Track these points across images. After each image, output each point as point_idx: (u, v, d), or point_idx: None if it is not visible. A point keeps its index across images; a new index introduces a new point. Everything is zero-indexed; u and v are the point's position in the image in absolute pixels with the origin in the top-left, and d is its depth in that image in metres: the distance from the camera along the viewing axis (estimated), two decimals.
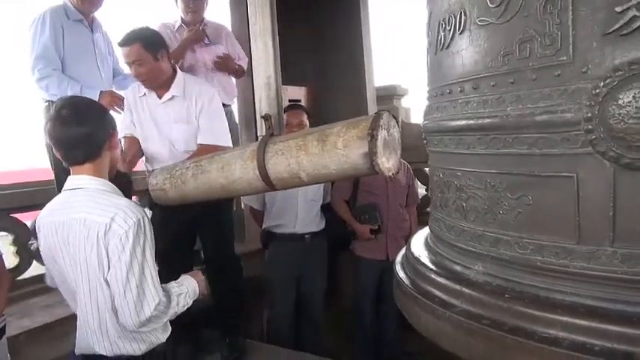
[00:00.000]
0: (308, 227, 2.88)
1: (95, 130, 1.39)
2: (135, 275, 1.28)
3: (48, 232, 1.38)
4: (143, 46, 2.21)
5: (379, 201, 2.99)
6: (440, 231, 1.31)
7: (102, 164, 1.43)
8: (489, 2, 1.05)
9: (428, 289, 1.20)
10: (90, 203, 1.34)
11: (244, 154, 1.94)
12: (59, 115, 1.35)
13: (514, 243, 1.05)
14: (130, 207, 1.34)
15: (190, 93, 2.32)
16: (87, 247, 1.30)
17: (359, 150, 1.69)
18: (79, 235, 1.31)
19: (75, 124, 1.34)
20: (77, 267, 1.33)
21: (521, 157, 1.01)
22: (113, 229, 1.28)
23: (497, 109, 1.04)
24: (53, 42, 2.56)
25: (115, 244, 1.28)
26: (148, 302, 1.29)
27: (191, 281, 1.57)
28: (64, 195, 1.42)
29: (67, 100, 1.46)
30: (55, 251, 1.37)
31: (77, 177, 1.40)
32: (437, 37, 1.26)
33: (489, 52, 1.06)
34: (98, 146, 1.40)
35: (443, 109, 1.23)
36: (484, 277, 1.11)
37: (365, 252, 3.05)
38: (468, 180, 1.15)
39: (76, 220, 1.32)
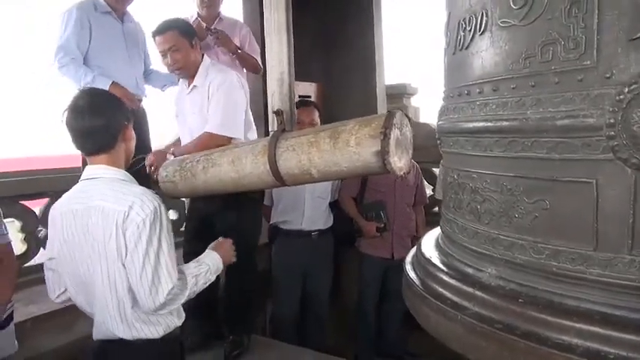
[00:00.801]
0: (315, 224, 2.88)
1: (110, 121, 1.41)
2: (150, 262, 1.31)
3: (66, 222, 1.40)
4: (180, 32, 2.25)
5: (386, 199, 2.99)
6: (452, 232, 1.30)
7: (117, 155, 1.46)
8: (512, 3, 1.04)
9: (439, 291, 1.19)
10: (107, 192, 1.37)
11: (255, 149, 1.94)
12: (75, 105, 1.38)
13: (529, 247, 1.04)
14: (146, 195, 1.37)
15: (207, 80, 2.31)
16: (105, 234, 1.32)
17: (371, 148, 1.69)
18: (98, 223, 1.33)
19: (90, 114, 1.37)
20: (95, 254, 1.35)
21: (539, 161, 1.01)
22: (131, 216, 1.31)
23: (517, 111, 1.03)
24: (77, 35, 2.62)
25: (132, 231, 1.30)
26: (162, 288, 1.32)
27: (213, 256, 1.59)
28: (81, 184, 1.45)
29: (84, 91, 1.49)
30: (72, 240, 1.39)
31: (94, 167, 1.44)
32: (456, 37, 1.24)
33: (510, 54, 1.05)
34: (112, 137, 1.42)
35: (460, 110, 1.22)
36: (497, 280, 1.11)
37: (370, 249, 3.05)
38: (484, 182, 1.14)
39: (95, 209, 1.35)
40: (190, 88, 2.35)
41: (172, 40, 2.23)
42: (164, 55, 2.26)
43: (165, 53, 2.25)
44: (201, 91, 2.32)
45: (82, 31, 2.64)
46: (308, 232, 2.85)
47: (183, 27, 2.30)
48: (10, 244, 1.91)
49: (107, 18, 2.73)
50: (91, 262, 1.37)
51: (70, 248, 1.41)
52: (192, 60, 2.30)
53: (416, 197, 3.13)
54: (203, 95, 2.30)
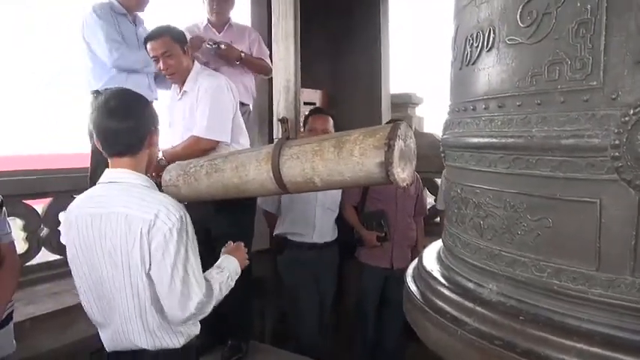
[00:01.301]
0: (324, 237, 2.86)
1: (139, 124, 1.38)
2: (179, 273, 1.27)
3: (82, 225, 1.35)
4: (172, 38, 2.29)
5: (387, 209, 2.98)
6: (454, 247, 1.30)
7: (141, 159, 1.41)
8: (520, 22, 1.04)
9: (439, 305, 1.19)
10: (131, 199, 1.31)
11: (259, 156, 1.95)
12: (106, 105, 1.34)
13: (531, 265, 1.04)
14: (171, 203, 1.33)
15: (196, 85, 2.33)
16: (129, 242, 1.27)
17: (375, 159, 1.69)
18: (120, 230, 1.29)
19: (120, 116, 1.34)
20: (115, 262, 1.30)
21: (543, 179, 1.01)
22: (157, 225, 1.27)
23: (522, 129, 1.04)
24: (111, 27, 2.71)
25: (158, 241, 1.26)
26: (191, 299, 1.29)
27: (231, 261, 1.58)
28: (101, 187, 1.40)
29: (115, 91, 1.46)
30: (87, 245, 1.34)
31: (115, 170, 1.39)
32: (463, 52, 1.25)
33: (517, 72, 1.06)
34: (140, 141, 1.39)
35: (465, 124, 1.22)
36: (498, 296, 1.11)
37: (370, 259, 3.04)
38: (487, 198, 1.15)
39: (116, 215, 1.30)
40: (181, 93, 2.39)
41: (165, 45, 2.27)
42: (157, 60, 2.29)
43: (158, 58, 2.28)
44: (191, 95, 2.35)
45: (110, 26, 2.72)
46: (317, 244, 2.83)
47: (175, 33, 2.33)
48: (13, 243, 1.92)
49: (123, 19, 2.80)
50: (106, 270, 1.32)
51: (85, 253, 1.36)
52: (185, 66, 2.33)
53: (416, 208, 3.13)
54: (192, 100, 2.33)
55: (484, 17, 1.15)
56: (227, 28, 3.12)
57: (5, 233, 1.89)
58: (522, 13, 1.04)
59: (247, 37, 3.15)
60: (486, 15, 1.14)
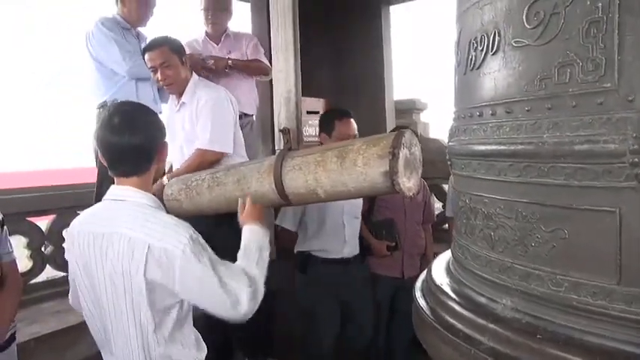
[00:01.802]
0: (354, 250, 2.67)
1: (147, 141, 1.29)
2: (214, 283, 1.21)
3: (84, 243, 1.28)
4: (170, 49, 2.29)
5: (396, 217, 2.92)
6: (464, 259, 1.24)
7: (149, 177, 1.34)
8: (526, 23, 1.00)
9: (450, 322, 1.13)
10: (135, 220, 1.24)
11: (261, 168, 1.91)
12: (111, 121, 1.26)
13: (547, 279, 0.99)
14: (177, 224, 1.26)
15: (195, 97, 2.32)
16: (131, 267, 1.20)
17: (379, 169, 1.64)
18: (121, 252, 1.21)
19: (127, 133, 1.25)
20: (116, 286, 1.24)
21: (557, 187, 0.95)
22: (169, 250, 1.19)
23: (533, 135, 0.98)
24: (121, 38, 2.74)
25: (178, 265, 1.19)
26: (240, 298, 1.24)
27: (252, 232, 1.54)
28: (105, 205, 1.33)
29: (120, 105, 1.37)
30: (89, 263, 1.28)
31: (121, 188, 1.31)
32: (467, 56, 1.20)
33: (525, 75, 1.01)
34: (148, 159, 1.31)
35: (472, 131, 1.17)
36: (512, 312, 1.05)
37: (381, 269, 2.97)
38: (498, 208, 1.09)
39: (119, 236, 1.22)
40: (179, 105, 2.37)
41: (164, 56, 2.26)
42: (155, 70, 2.28)
43: (157, 69, 2.27)
44: (190, 107, 2.34)
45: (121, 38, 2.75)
46: (348, 259, 2.62)
47: (173, 44, 2.33)
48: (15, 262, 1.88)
49: (128, 34, 2.83)
50: (106, 294, 1.26)
51: (86, 272, 1.30)
52: (183, 77, 2.34)
53: (424, 215, 3.07)
54: (192, 111, 2.32)
55: (488, 20, 1.10)
56: (224, 39, 3.10)
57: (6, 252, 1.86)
58: (528, 14, 0.99)
59: (244, 44, 3.13)
60: (490, 17, 1.09)
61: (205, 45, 3.09)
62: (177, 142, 2.43)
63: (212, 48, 3.10)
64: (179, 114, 2.40)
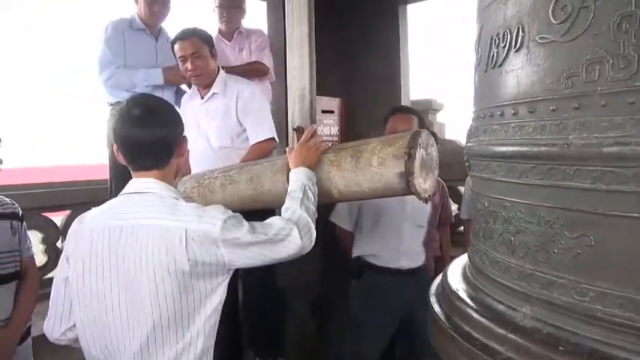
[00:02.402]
0: (415, 261, 2.44)
1: (168, 133, 1.27)
2: (259, 238, 1.23)
3: (97, 239, 1.21)
4: (201, 39, 2.32)
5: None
6: (482, 264, 1.19)
7: (169, 172, 1.31)
8: (552, 18, 0.95)
9: (467, 330, 1.09)
10: (163, 209, 1.19)
11: (274, 167, 1.88)
12: (130, 114, 1.23)
13: (570, 287, 0.94)
14: (209, 207, 1.25)
15: (231, 90, 2.37)
16: (168, 258, 1.14)
17: (394, 169, 1.60)
18: (151, 243, 1.15)
19: (147, 125, 1.23)
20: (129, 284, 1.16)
21: (583, 191, 0.90)
22: (207, 230, 1.16)
23: (557, 136, 0.93)
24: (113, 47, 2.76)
25: (221, 239, 1.18)
26: (287, 241, 1.29)
27: (296, 174, 1.56)
28: (123, 199, 1.27)
29: (139, 98, 1.35)
30: (98, 263, 1.19)
31: (141, 180, 1.27)
32: (488, 53, 1.16)
33: (550, 73, 0.96)
34: (169, 152, 1.28)
35: (492, 132, 1.12)
36: (532, 322, 1.00)
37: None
38: (518, 212, 1.04)
39: (141, 228, 1.17)
40: (208, 95, 2.39)
41: (195, 46, 2.29)
42: (184, 60, 2.30)
43: (187, 59, 2.29)
44: (225, 99, 2.37)
45: (117, 46, 2.77)
46: (407, 270, 2.39)
47: (203, 35, 2.37)
48: (33, 257, 1.91)
49: (141, 34, 2.84)
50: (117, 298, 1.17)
51: (92, 273, 1.20)
52: (212, 68, 2.37)
53: (441, 217, 3.00)
54: (229, 102, 2.36)
55: (511, 15, 1.06)
56: (237, 36, 3.10)
57: (27, 247, 1.89)
58: (555, 9, 0.94)
59: (254, 41, 3.13)
60: (514, 12, 1.05)
61: (218, 42, 3.09)
62: (202, 133, 2.43)
63: (224, 45, 3.10)
64: (207, 105, 2.42)
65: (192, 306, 1.20)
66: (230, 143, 2.40)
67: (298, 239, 1.31)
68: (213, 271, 1.22)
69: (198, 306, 1.21)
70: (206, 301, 1.22)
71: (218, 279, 1.24)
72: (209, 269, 1.21)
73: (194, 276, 1.18)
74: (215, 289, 1.24)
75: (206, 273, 1.20)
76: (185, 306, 1.18)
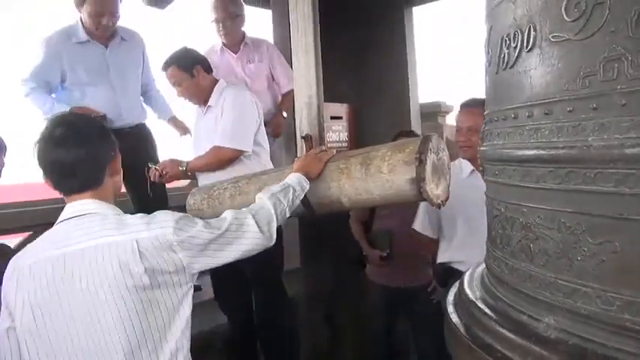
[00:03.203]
0: None
1: (96, 152, 1.19)
2: (214, 232, 1.20)
3: (39, 275, 1.11)
4: (177, 66, 2.39)
5: (395, 226, 2.84)
6: (500, 272, 1.15)
7: (104, 192, 1.23)
8: (565, 15, 0.91)
9: (487, 341, 1.04)
10: (108, 226, 1.12)
11: (283, 176, 1.86)
12: (52, 134, 1.15)
13: (595, 296, 0.89)
14: (155, 214, 1.18)
15: (221, 99, 2.39)
16: (123, 273, 1.07)
17: (405, 175, 1.57)
18: (101, 264, 1.08)
19: (72, 144, 1.14)
20: (91, 308, 1.08)
21: (605, 195, 0.86)
22: (159, 235, 1.11)
23: (576, 138, 0.89)
24: (45, 66, 2.55)
25: (175, 240, 1.12)
26: (244, 228, 1.27)
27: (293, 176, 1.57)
28: (61, 226, 1.17)
29: (61, 117, 1.26)
30: (50, 300, 1.09)
31: (78, 202, 1.18)
32: (499, 54, 1.12)
33: (565, 73, 0.92)
34: (99, 171, 1.21)
35: (506, 135, 1.09)
36: (557, 332, 0.95)
37: (378, 277, 2.96)
38: (537, 218, 1.00)
39: (90, 249, 1.09)
40: (206, 109, 2.43)
41: (173, 76, 2.42)
42: (173, 86, 2.38)
43: (173, 86, 2.38)
44: (216, 110, 2.39)
45: (52, 63, 2.55)
46: None
47: (180, 60, 2.38)
48: None
49: (85, 47, 2.60)
50: (76, 331, 1.08)
51: (46, 313, 1.09)
52: (201, 87, 2.42)
53: None
54: (217, 114, 2.38)
55: (522, 14, 1.02)
56: (243, 47, 3.08)
57: None
58: (568, 6, 0.90)
59: (266, 53, 3.11)
60: (524, 11, 1.01)
61: (223, 54, 3.09)
62: (203, 145, 2.46)
63: (230, 57, 3.08)
64: (205, 118, 2.47)
65: (162, 323, 1.13)
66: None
67: (255, 227, 1.28)
68: (175, 281, 1.16)
69: (167, 322, 1.14)
70: (175, 315, 1.16)
71: (182, 288, 1.18)
72: (169, 278, 1.14)
73: (155, 287, 1.11)
74: (181, 300, 1.18)
75: (167, 283, 1.14)
76: (154, 323, 1.11)
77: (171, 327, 1.14)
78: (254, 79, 3.05)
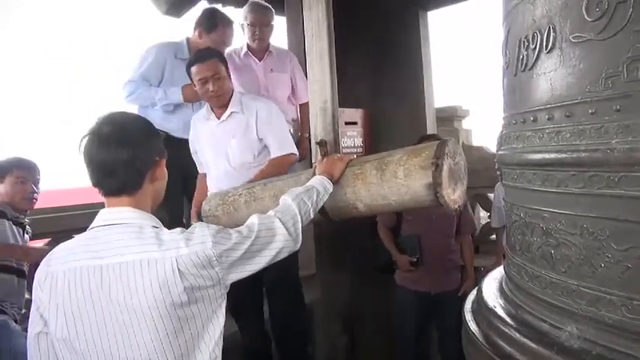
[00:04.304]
0: None
1: (138, 154, 1.14)
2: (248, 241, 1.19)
3: (74, 283, 1.07)
4: (220, 60, 2.34)
5: (421, 231, 2.82)
6: (520, 279, 1.12)
7: (143, 198, 1.17)
8: (587, 15, 0.89)
9: (508, 350, 1.02)
10: (146, 240, 1.08)
11: (298, 182, 1.85)
12: (99, 131, 1.12)
13: (620, 305, 0.86)
14: (192, 228, 1.15)
15: (249, 107, 2.38)
16: (156, 293, 1.04)
17: (421, 180, 1.55)
18: (139, 280, 1.04)
19: (115, 144, 1.11)
20: (125, 326, 1.05)
21: (631, 200, 0.83)
22: (199, 251, 1.08)
23: (599, 141, 0.87)
24: (149, 74, 2.78)
25: (215, 254, 1.10)
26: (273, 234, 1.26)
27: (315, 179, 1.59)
28: (94, 233, 1.13)
29: (111, 115, 1.21)
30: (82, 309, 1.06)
31: (114, 209, 1.14)
32: (517, 56, 1.10)
33: (587, 74, 0.90)
34: (139, 175, 1.15)
35: (525, 138, 1.06)
36: (580, 342, 0.92)
37: (407, 283, 2.94)
38: (558, 223, 0.97)
39: (126, 265, 1.06)
40: (227, 114, 2.38)
41: (215, 67, 2.30)
42: (205, 82, 2.28)
43: (207, 81, 2.27)
44: (245, 117, 2.37)
45: (156, 69, 2.78)
46: None
47: (221, 55, 2.39)
48: None
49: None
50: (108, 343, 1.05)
51: (79, 324, 1.06)
52: (230, 88, 2.38)
53: (460, 227, 2.92)
54: (249, 119, 2.36)
55: (541, 15, 1.00)
56: (267, 56, 3.09)
57: None
58: (589, 5, 0.88)
59: (289, 64, 3.11)
60: (543, 12, 0.99)
61: (247, 59, 3.09)
62: (221, 153, 2.42)
63: (254, 63, 3.08)
64: (225, 124, 2.41)
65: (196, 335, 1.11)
66: (252, 159, 2.38)
67: (283, 229, 1.28)
68: (211, 294, 1.13)
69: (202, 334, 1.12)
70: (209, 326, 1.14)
71: (218, 301, 1.16)
72: (206, 293, 1.12)
73: (193, 303, 1.09)
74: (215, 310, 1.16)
75: (204, 297, 1.12)
76: (189, 337, 1.09)
77: (204, 337, 1.13)
78: (275, 87, 3.05)
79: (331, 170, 1.67)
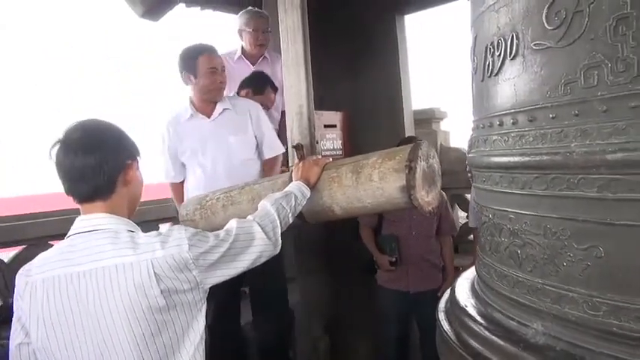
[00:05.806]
0: None
1: (106, 158, 1.13)
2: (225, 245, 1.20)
3: (51, 290, 1.07)
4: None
5: (401, 231, 2.86)
6: (490, 279, 1.15)
7: (118, 202, 1.16)
8: (546, 24, 0.92)
9: (478, 349, 1.04)
10: (121, 245, 1.08)
11: (275, 186, 1.86)
12: (67, 139, 1.13)
13: (582, 302, 0.89)
14: (169, 230, 1.15)
15: (241, 106, 2.47)
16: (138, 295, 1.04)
17: (395, 183, 1.57)
18: (116, 286, 1.05)
19: (82, 150, 1.10)
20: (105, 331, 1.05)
21: (589, 201, 0.87)
22: (175, 254, 1.08)
23: (559, 144, 0.90)
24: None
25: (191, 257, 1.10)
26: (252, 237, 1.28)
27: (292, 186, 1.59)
28: (72, 241, 1.12)
29: (80, 122, 1.20)
30: (63, 320, 1.06)
31: (90, 216, 1.13)
32: (484, 62, 1.13)
33: (548, 80, 0.93)
34: (109, 179, 1.14)
35: (492, 142, 1.10)
36: (545, 338, 0.95)
37: (387, 282, 2.98)
38: (524, 224, 1.01)
39: (103, 270, 1.06)
40: (218, 112, 2.39)
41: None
42: (214, 72, 2.30)
43: (217, 71, 2.32)
44: (239, 114, 2.43)
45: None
46: None
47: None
48: None
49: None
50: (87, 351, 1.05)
51: (59, 333, 1.06)
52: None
53: (440, 227, 2.97)
54: (243, 118, 2.43)
55: (505, 22, 1.03)
56: (261, 61, 3.09)
57: None
58: (548, 14, 0.92)
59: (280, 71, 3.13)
60: (507, 20, 1.03)
61: (240, 63, 3.08)
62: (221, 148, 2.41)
63: (246, 67, 3.07)
64: (218, 121, 2.42)
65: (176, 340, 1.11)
66: (253, 155, 2.47)
67: (262, 234, 1.29)
68: (190, 299, 1.13)
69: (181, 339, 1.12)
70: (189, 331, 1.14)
71: (197, 305, 1.16)
72: (184, 297, 1.12)
73: (171, 308, 1.09)
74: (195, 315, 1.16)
75: (183, 302, 1.12)
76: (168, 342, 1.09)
77: (185, 343, 1.13)
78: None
79: (308, 175, 1.68)
